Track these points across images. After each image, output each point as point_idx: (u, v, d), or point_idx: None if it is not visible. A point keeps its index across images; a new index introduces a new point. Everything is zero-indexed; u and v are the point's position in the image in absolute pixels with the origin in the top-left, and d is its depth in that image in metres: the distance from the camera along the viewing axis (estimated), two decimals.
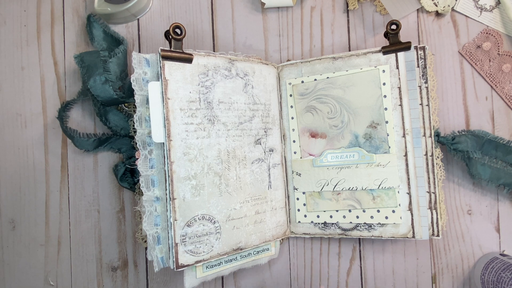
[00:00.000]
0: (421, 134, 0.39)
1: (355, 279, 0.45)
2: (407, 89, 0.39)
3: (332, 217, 0.41)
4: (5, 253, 0.47)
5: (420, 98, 0.39)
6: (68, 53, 0.48)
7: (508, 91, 0.43)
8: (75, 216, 0.47)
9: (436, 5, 0.43)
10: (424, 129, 0.39)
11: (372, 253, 0.45)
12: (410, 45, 0.38)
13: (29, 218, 0.47)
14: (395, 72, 0.39)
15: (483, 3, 0.43)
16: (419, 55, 0.39)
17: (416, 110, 0.39)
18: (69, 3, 0.48)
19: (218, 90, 0.38)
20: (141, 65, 0.36)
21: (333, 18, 0.45)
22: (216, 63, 0.38)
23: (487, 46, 0.43)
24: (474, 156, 0.40)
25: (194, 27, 0.46)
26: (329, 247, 0.45)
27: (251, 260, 0.40)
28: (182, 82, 0.36)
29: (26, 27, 0.48)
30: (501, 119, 0.43)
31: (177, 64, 0.36)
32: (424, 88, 0.39)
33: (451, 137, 0.41)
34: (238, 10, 0.46)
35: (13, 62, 0.48)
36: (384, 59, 0.40)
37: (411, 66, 0.39)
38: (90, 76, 0.41)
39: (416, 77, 0.39)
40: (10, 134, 0.48)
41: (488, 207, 0.43)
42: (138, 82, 0.36)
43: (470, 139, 0.41)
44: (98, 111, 0.44)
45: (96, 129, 0.47)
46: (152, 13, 0.47)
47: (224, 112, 0.38)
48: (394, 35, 0.39)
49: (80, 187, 0.47)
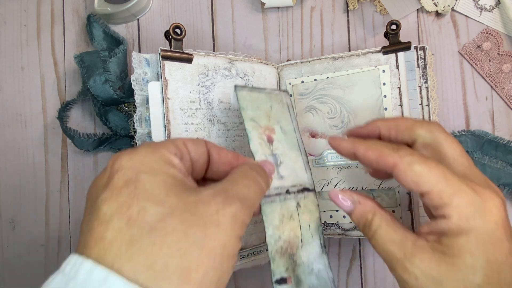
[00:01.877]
0: None
1: (355, 279, 0.45)
2: (407, 89, 0.39)
3: (332, 217, 0.41)
4: (5, 253, 0.47)
5: (420, 98, 0.39)
6: (68, 53, 0.48)
7: (508, 91, 0.43)
8: (75, 216, 0.47)
9: (436, 5, 0.43)
10: None
11: (372, 253, 0.45)
12: (410, 45, 0.38)
13: (29, 218, 0.47)
14: (395, 72, 0.39)
15: (483, 3, 0.43)
16: (419, 55, 0.39)
17: (416, 110, 0.39)
18: (69, 3, 0.48)
19: (218, 90, 0.38)
20: (141, 65, 0.36)
21: (333, 18, 0.45)
22: (216, 63, 0.38)
23: (487, 46, 0.43)
24: (474, 156, 0.40)
25: (194, 27, 0.46)
26: (329, 247, 0.45)
27: (251, 260, 0.40)
28: (182, 82, 0.36)
29: (26, 27, 0.48)
30: (501, 119, 0.43)
31: (177, 64, 0.36)
32: (424, 88, 0.39)
33: None
34: (238, 10, 0.46)
35: (13, 62, 0.48)
36: (384, 59, 0.40)
37: (411, 66, 0.39)
38: (90, 76, 0.41)
39: (416, 77, 0.39)
40: (10, 134, 0.48)
41: None
42: (138, 82, 0.36)
43: (470, 139, 0.41)
44: (98, 111, 0.44)
45: (96, 129, 0.47)
46: (152, 13, 0.47)
47: (224, 112, 0.38)
48: (394, 35, 0.39)
49: (80, 187, 0.47)
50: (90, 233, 0.19)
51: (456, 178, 0.24)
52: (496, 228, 0.23)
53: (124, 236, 0.19)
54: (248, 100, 0.32)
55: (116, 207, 0.20)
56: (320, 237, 0.32)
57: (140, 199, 0.20)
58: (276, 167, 0.31)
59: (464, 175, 0.25)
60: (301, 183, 0.32)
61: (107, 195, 0.20)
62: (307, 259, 0.30)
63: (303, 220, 0.31)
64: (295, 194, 0.31)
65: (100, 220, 0.19)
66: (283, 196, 0.30)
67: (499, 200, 0.23)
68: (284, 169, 0.31)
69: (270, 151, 0.31)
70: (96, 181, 0.22)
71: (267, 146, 0.31)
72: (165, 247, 0.19)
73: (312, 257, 0.31)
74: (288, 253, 0.29)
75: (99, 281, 0.17)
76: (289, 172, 0.32)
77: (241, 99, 0.32)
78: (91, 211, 0.21)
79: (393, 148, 0.26)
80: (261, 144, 0.31)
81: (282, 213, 0.29)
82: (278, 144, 0.32)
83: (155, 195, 0.20)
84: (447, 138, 0.26)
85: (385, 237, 0.26)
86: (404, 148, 0.26)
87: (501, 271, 0.22)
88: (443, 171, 0.24)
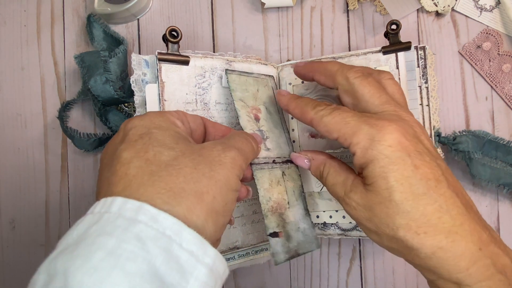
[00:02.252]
0: None
1: (355, 279, 0.45)
2: (407, 89, 0.39)
3: (332, 217, 0.41)
4: (5, 253, 0.47)
5: (420, 98, 0.39)
6: (68, 53, 0.48)
7: (508, 91, 0.43)
8: (75, 216, 0.47)
9: (436, 5, 0.43)
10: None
11: (372, 253, 0.45)
12: (410, 45, 0.38)
13: (29, 218, 0.47)
14: (395, 72, 0.39)
15: (483, 3, 0.43)
16: (419, 55, 0.39)
17: (416, 110, 0.39)
18: (69, 3, 0.48)
19: (215, 91, 0.38)
20: (141, 67, 0.36)
21: (333, 18, 0.45)
22: (213, 65, 0.38)
23: (487, 46, 0.43)
24: (475, 157, 0.40)
25: (194, 27, 0.46)
26: (329, 247, 0.45)
27: (250, 260, 0.40)
28: (178, 84, 0.36)
29: (26, 27, 0.48)
30: (501, 119, 0.43)
31: (173, 66, 0.36)
32: (424, 88, 0.39)
33: (452, 137, 0.41)
34: (238, 10, 0.46)
35: (13, 62, 0.48)
36: (384, 59, 0.40)
37: (411, 66, 0.39)
38: (90, 76, 0.41)
39: (416, 77, 0.39)
40: (10, 134, 0.48)
41: (488, 207, 0.43)
42: (138, 83, 0.36)
43: (471, 140, 0.41)
44: (98, 111, 0.44)
45: (96, 129, 0.47)
46: (152, 13, 0.47)
47: (221, 113, 0.38)
48: (394, 35, 0.39)
49: (80, 187, 0.47)
50: (114, 174, 0.22)
51: (355, 120, 0.28)
52: (393, 150, 0.26)
53: (145, 171, 0.22)
54: (237, 83, 0.37)
55: (134, 153, 0.23)
56: (303, 202, 0.37)
57: (154, 146, 0.23)
58: (263, 141, 0.36)
59: (370, 115, 0.28)
60: (284, 155, 0.37)
61: (125, 146, 0.23)
62: (294, 218, 0.36)
63: (288, 186, 0.37)
64: (280, 164, 0.36)
65: (122, 163, 0.23)
66: (271, 165, 0.36)
67: (393, 126, 0.26)
68: (270, 142, 0.37)
69: (257, 127, 0.36)
70: (112, 141, 0.26)
71: (255, 123, 0.36)
72: (181, 176, 0.22)
73: (298, 218, 0.36)
74: (278, 212, 0.34)
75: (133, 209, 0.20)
76: (274, 146, 0.37)
77: (231, 82, 0.37)
78: (110, 162, 0.24)
79: (312, 105, 0.31)
80: (249, 121, 0.36)
81: (271, 179, 0.35)
82: (264, 121, 0.37)
83: (167, 143, 0.24)
84: (360, 83, 0.30)
85: (332, 180, 0.31)
86: (320, 104, 0.31)
87: (411, 184, 0.25)
88: (343, 117, 0.28)
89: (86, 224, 0.20)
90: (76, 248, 0.19)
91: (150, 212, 0.20)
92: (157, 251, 0.19)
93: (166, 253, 0.19)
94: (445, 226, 0.24)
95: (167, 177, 0.22)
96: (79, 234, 0.20)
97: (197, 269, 0.20)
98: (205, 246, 0.21)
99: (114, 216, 0.20)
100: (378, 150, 0.26)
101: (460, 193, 0.26)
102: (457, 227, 0.24)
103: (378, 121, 0.27)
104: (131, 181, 0.22)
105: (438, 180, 0.25)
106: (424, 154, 0.26)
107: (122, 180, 0.22)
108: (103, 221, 0.20)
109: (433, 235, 0.24)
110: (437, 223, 0.25)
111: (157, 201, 0.21)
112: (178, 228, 0.20)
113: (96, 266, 0.18)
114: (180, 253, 0.20)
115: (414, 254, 0.25)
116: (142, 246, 0.19)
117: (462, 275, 0.24)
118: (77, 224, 0.21)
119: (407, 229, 0.25)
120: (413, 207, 0.25)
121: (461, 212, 0.25)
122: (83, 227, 0.20)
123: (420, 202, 0.25)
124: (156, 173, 0.22)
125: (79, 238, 0.19)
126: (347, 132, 0.28)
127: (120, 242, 0.19)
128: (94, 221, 0.20)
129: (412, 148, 0.26)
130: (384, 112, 0.28)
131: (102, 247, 0.18)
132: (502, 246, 0.25)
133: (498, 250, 0.25)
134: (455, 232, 0.24)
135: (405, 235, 0.25)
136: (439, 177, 0.26)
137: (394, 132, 0.26)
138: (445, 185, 0.25)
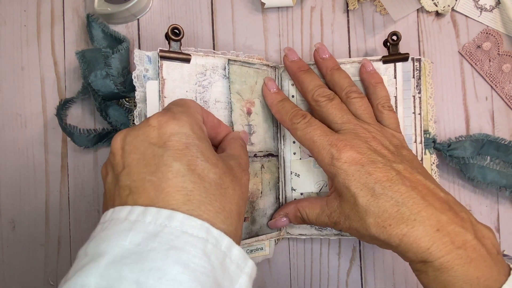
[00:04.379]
0: (412, 140, 0.40)
1: (355, 279, 0.45)
2: (402, 98, 0.40)
3: None
4: (5, 253, 0.47)
5: (413, 107, 0.40)
6: (68, 53, 0.48)
7: (508, 91, 0.43)
8: (75, 216, 0.47)
9: (436, 5, 0.43)
10: (416, 135, 0.40)
11: (372, 253, 0.45)
12: (408, 56, 0.39)
13: (29, 218, 0.47)
14: (393, 81, 0.40)
15: (483, 3, 0.43)
16: (415, 67, 0.40)
17: (409, 118, 0.40)
18: (69, 3, 0.48)
19: (216, 90, 0.38)
20: (143, 62, 0.36)
21: (333, 18, 0.45)
22: (215, 63, 0.38)
23: (487, 46, 0.43)
24: (470, 162, 0.41)
25: (194, 27, 0.46)
26: (329, 248, 0.45)
27: None
28: (179, 81, 0.36)
29: (26, 27, 0.48)
30: (501, 119, 0.43)
31: (175, 64, 0.36)
32: (418, 98, 0.40)
33: (447, 144, 0.42)
34: (238, 10, 0.46)
35: (13, 62, 0.48)
36: (384, 68, 0.40)
37: (407, 77, 0.40)
38: (91, 71, 0.41)
39: (411, 87, 0.40)
40: (10, 134, 0.48)
41: (488, 207, 0.43)
42: (140, 79, 0.36)
43: (470, 145, 0.41)
44: (99, 106, 0.43)
45: (96, 126, 0.47)
46: (152, 13, 0.47)
47: (221, 111, 0.38)
48: (394, 46, 0.39)
49: (80, 187, 0.47)
50: (165, 182, 0.24)
51: (321, 140, 0.33)
52: (349, 165, 0.31)
53: (200, 187, 0.24)
54: (237, 74, 0.39)
55: (186, 165, 0.24)
56: (276, 192, 0.41)
57: (202, 160, 0.25)
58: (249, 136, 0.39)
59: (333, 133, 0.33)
60: (267, 149, 0.40)
61: (172, 154, 0.24)
62: (263, 206, 0.40)
63: (265, 178, 0.40)
64: (261, 158, 0.39)
65: (174, 173, 0.24)
66: (251, 158, 0.39)
67: (348, 145, 0.32)
68: (255, 137, 0.39)
69: (247, 121, 0.39)
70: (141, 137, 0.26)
71: (245, 117, 0.39)
72: (228, 196, 0.25)
73: (267, 205, 0.40)
74: (250, 201, 0.38)
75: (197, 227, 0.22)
76: (259, 140, 0.40)
77: (232, 73, 0.38)
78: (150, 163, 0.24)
79: (289, 116, 0.36)
80: (241, 115, 0.39)
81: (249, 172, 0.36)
82: (255, 116, 0.40)
83: (210, 158, 0.26)
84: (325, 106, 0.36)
85: (313, 216, 0.35)
86: (297, 116, 0.35)
87: (369, 188, 0.30)
88: (312, 136, 0.33)
89: (141, 234, 0.21)
90: (144, 259, 0.20)
91: (213, 233, 0.23)
92: (217, 265, 0.22)
93: (222, 266, 0.22)
94: (404, 216, 0.29)
95: (220, 196, 0.25)
96: (135, 243, 0.21)
97: (241, 278, 0.24)
98: (246, 259, 0.24)
99: (177, 231, 0.22)
100: (337, 166, 0.31)
101: (421, 185, 0.30)
102: (415, 215, 0.28)
103: (338, 141, 0.32)
104: (190, 196, 0.23)
105: (391, 181, 0.30)
106: (377, 162, 0.31)
107: (180, 192, 0.23)
108: (166, 235, 0.21)
109: (396, 226, 0.29)
110: (397, 215, 0.29)
111: (217, 220, 0.24)
112: (230, 245, 0.23)
113: (175, 279, 0.20)
114: (230, 265, 0.23)
115: (389, 245, 0.29)
116: (208, 261, 0.21)
117: (424, 254, 0.28)
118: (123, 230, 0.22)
119: (376, 226, 0.29)
120: (375, 206, 0.30)
121: (417, 202, 0.29)
122: (138, 237, 0.21)
123: (380, 201, 0.29)
124: (210, 191, 0.24)
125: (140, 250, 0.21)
126: (313, 150, 0.33)
127: (192, 257, 0.21)
128: (152, 233, 0.21)
129: (365, 160, 0.31)
130: (344, 130, 0.33)
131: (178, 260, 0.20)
132: (466, 225, 0.28)
133: (460, 229, 0.28)
134: (414, 220, 0.28)
135: (376, 231, 0.29)
136: (393, 177, 0.30)
137: (349, 150, 0.31)
138: (399, 183, 0.30)
